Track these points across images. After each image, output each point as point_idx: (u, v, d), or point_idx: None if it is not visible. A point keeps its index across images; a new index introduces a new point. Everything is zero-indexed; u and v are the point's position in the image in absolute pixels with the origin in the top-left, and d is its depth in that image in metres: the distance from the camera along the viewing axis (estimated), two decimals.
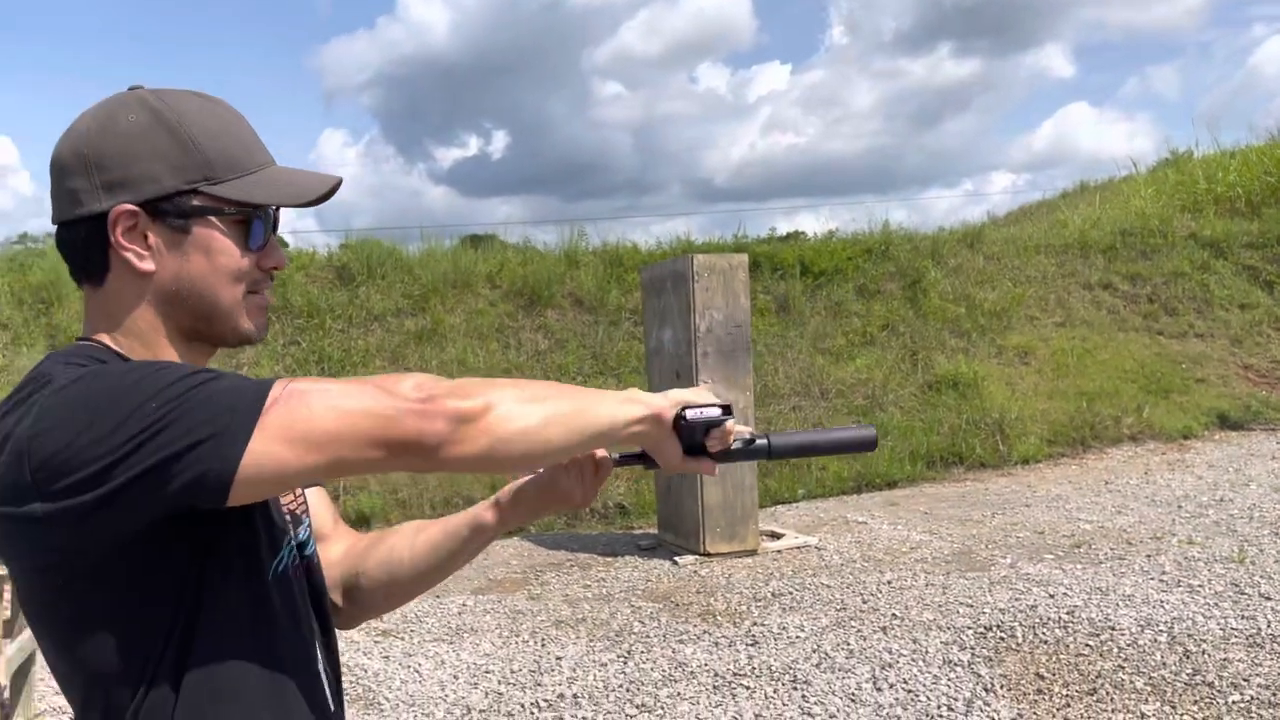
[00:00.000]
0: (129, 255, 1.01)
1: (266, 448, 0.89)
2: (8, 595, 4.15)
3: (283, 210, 1.10)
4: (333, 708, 1.14)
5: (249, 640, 1.02)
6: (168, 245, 1.02)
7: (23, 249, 12.42)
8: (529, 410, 0.98)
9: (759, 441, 1.18)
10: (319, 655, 1.13)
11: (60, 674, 1.02)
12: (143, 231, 1.02)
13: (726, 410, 1.12)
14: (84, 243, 1.02)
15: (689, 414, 1.09)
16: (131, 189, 1.00)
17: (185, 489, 0.89)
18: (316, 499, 1.31)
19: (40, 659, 4.72)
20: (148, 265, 1.02)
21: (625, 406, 1.05)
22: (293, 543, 1.13)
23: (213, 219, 1.03)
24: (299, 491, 1.20)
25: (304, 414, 0.90)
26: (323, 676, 1.12)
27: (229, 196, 1.03)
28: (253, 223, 1.05)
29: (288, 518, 1.13)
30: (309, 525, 1.19)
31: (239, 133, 1.06)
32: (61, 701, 4.45)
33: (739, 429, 1.16)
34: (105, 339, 1.05)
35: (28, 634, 4.19)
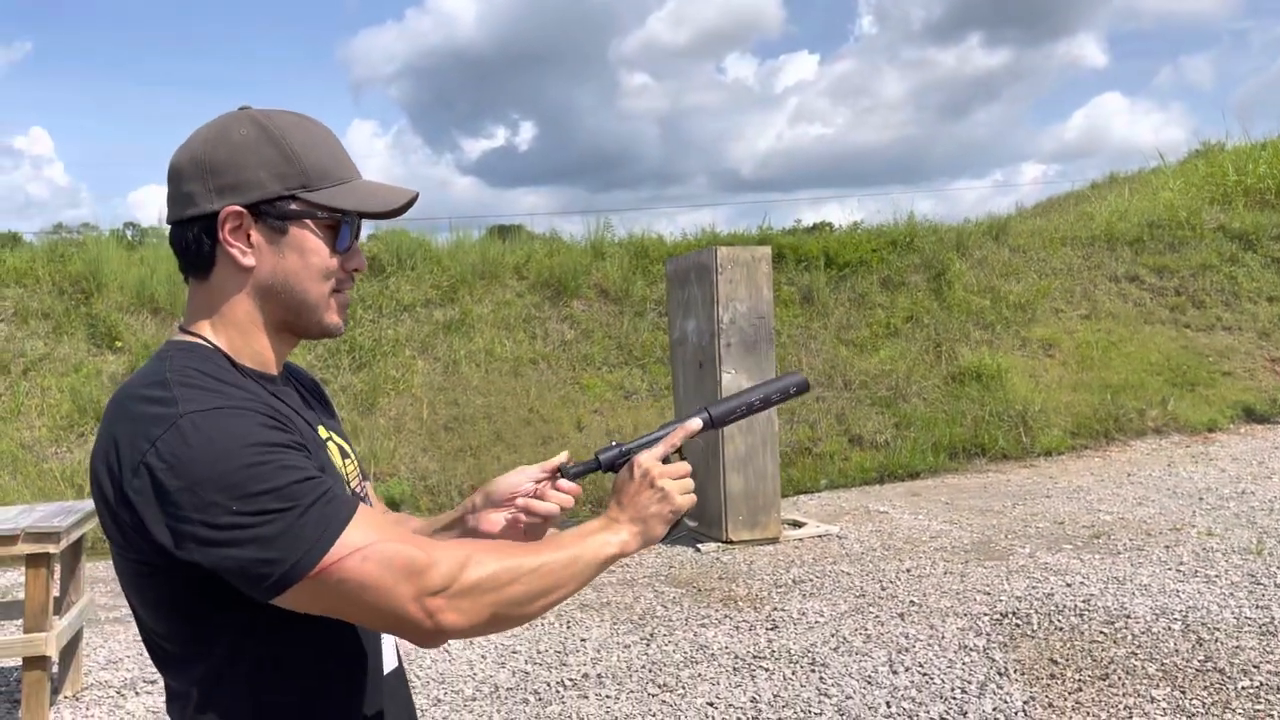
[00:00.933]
0: (234, 251, 1.16)
1: (299, 598, 1.05)
2: (56, 575, 4.34)
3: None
4: (395, 663, 1.27)
5: (318, 621, 1.14)
6: (268, 243, 1.17)
7: (60, 239, 12.71)
8: (522, 610, 1.14)
9: (697, 419, 1.38)
10: None
11: (144, 627, 1.16)
12: (246, 231, 1.16)
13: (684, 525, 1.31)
14: (195, 239, 1.17)
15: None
16: (240, 192, 1.15)
17: (234, 581, 1.04)
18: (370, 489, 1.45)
19: (86, 636, 4.92)
20: (249, 261, 1.16)
21: (599, 568, 1.22)
22: None
23: (307, 222, 1.17)
24: (363, 475, 1.35)
25: (338, 597, 1.05)
26: (380, 637, 1.25)
27: (322, 202, 1.17)
28: (341, 227, 1.20)
29: (354, 486, 1.28)
30: (363, 491, 1.34)
31: (331, 148, 1.21)
32: (108, 676, 4.65)
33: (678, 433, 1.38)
34: (206, 329, 1.19)
35: (76, 611, 4.38)
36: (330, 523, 1.04)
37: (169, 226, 1.19)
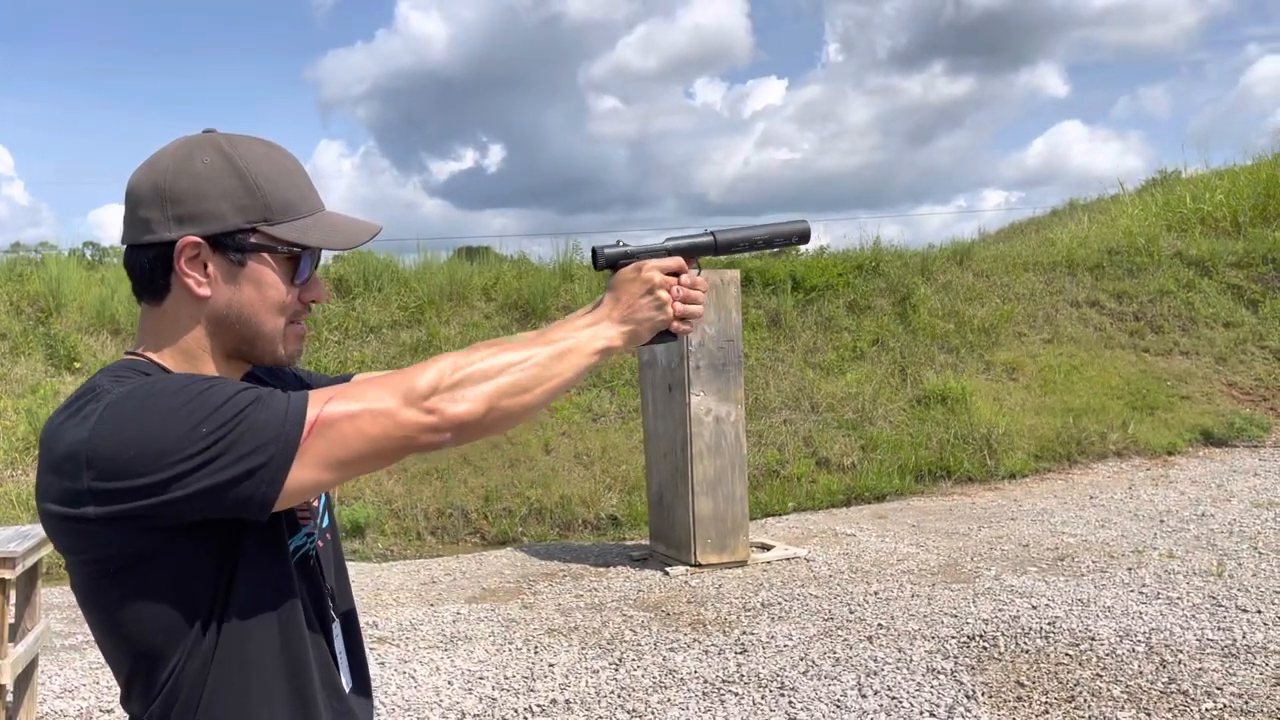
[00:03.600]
0: (189, 281, 1.14)
1: (304, 473, 1.04)
2: (12, 601, 4.24)
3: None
4: (349, 685, 1.25)
5: (273, 618, 1.13)
6: (224, 275, 1.15)
7: (18, 258, 12.51)
8: (520, 399, 1.14)
9: (704, 239, 1.38)
10: (336, 634, 1.24)
11: (106, 649, 1.13)
12: (203, 261, 1.14)
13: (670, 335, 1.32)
14: (150, 265, 1.15)
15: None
16: (199, 223, 1.13)
17: (232, 507, 1.03)
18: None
19: (41, 664, 4.80)
20: (204, 291, 1.14)
21: (591, 358, 1.22)
22: (317, 527, 1.25)
23: (266, 256, 1.16)
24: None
25: (337, 443, 1.05)
26: (340, 655, 1.23)
27: (284, 237, 1.16)
28: (301, 261, 1.18)
29: (313, 502, 1.25)
30: (324, 505, 1.32)
31: (296, 179, 1.19)
32: (63, 705, 4.54)
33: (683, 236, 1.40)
34: (152, 354, 1.17)
35: (32, 637, 4.27)
36: (292, 397, 1.06)
37: (124, 247, 1.18)
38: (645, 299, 1.29)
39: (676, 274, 1.33)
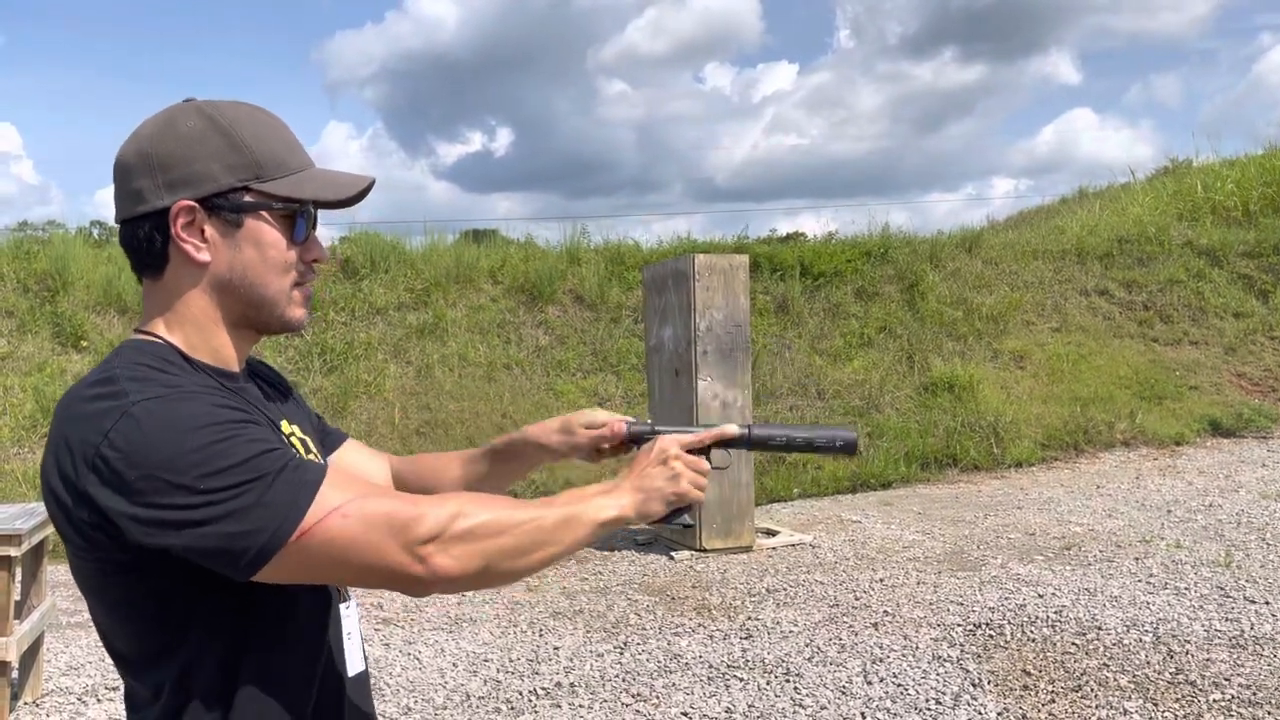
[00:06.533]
0: (188, 248, 1.11)
1: (285, 567, 1.01)
2: (18, 578, 4.24)
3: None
4: (363, 666, 1.24)
5: (287, 620, 1.11)
6: (222, 238, 1.12)
7: (25, 236, 12.50)
8: (514, 563, 1.11)
9: (733, 427, 1.37)
10: (348, 614, 1.23)
11: (106, 639, 1.11)
12: (200, 226, 1.11)
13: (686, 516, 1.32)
14: (146, 237, 1.12)
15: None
16: (191, 186, 1.10)
17: (210, 563, 1.01)
18: (354, 453, 1.45)
19: (47, 641, 4.81)
20: (204, 256, 1.12)
21: (596, 529, 1.19)
22: None
23: (263, 214, 1.13)
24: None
25: (320, 557, 1.02)
26: (345, 639, 1.22)
27: (277, 193, 1.13)
28: (297, 218, 1.15)
29: None
30: None
31: (283, 137, 1.16)
32: (68, 682, 4.55)
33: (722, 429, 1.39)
34: (162, 328, 1.14)
35: (37, 615, 4.28)
36: (303, 487, 1.01)
37: (119, 225, 1.15)
38: (659, 469, 1.27)
39: (710, 455, 1.36)
